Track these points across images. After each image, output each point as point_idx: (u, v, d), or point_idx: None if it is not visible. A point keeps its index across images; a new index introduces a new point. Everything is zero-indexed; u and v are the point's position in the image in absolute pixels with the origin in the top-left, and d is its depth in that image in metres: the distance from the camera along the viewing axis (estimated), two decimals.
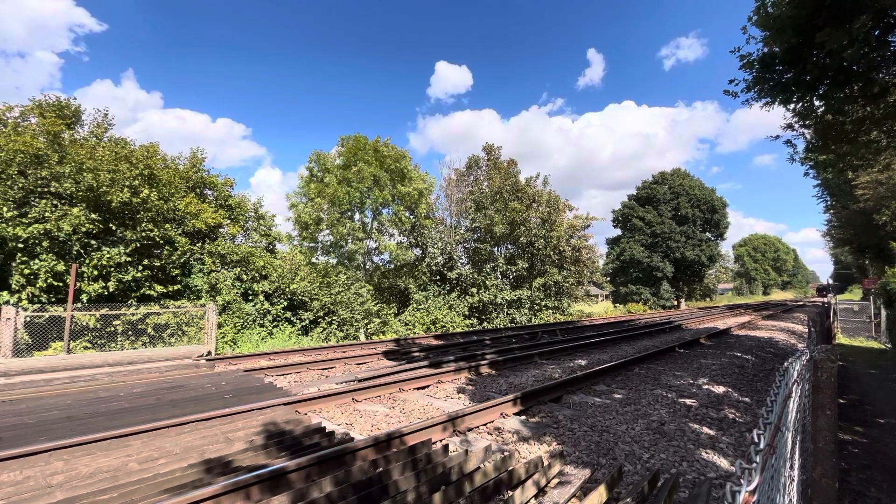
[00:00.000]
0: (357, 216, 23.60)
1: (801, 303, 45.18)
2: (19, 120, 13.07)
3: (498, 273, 23.61)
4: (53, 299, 11.12)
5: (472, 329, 19.64)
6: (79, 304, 11.03)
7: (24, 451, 3.99)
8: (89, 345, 11.27)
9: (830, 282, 70.64)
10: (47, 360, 9.28)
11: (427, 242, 23.53)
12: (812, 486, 2.45)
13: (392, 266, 24.96)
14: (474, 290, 22.08)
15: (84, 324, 11.04)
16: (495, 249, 24.22)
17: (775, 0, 7.29)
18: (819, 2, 6.57)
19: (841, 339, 15.97)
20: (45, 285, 10.78)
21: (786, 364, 1.82)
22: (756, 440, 1.08)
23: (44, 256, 10.73)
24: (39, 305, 10.71)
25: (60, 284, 11.05)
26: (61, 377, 8.10)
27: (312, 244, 23.50)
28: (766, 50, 7.86)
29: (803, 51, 7.28)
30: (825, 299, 35.99)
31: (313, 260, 22.21)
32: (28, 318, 10.31)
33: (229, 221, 16.78)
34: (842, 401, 7.07)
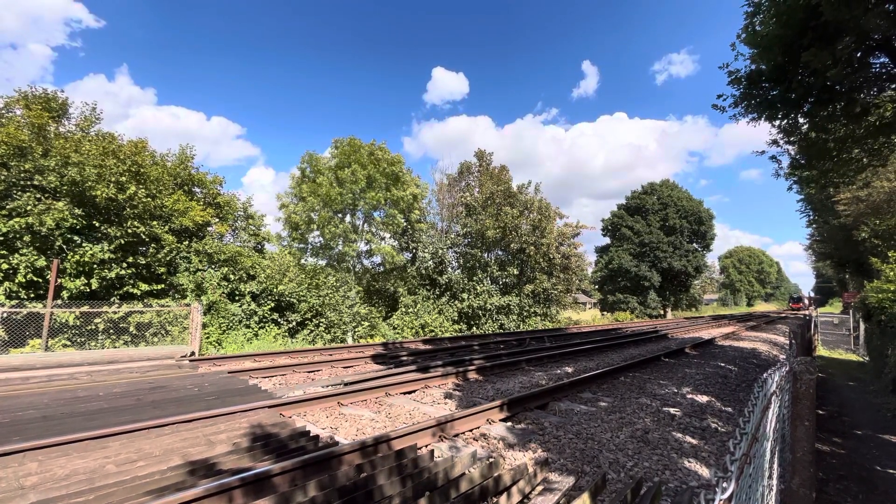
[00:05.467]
0: (348, 218, 23.51)
1: (783, 315, 46.05)
2: (3, 111, 12.79)
3: (488, 279, 23.67)
4: (33, 295, 10.85)
5: (460, 334, 19.62)
6: (59, 301, 10.77)
7: None
8: (69, 343, 11.01)
9: (812, 294, 71.87)
10: (24, 358, 9.04)
11: (418, 246, 23.51)
12: (790, 495, 2.50)
13: (382, 269, 24.86)
14: (464, 295, 22.10)
15: (64, 321, 10.79)
16: (486, 255, 24.29)
17: (763, 19, 7.50)
18: (805, 22, 6.77)
19: (821, 351, 16.31)
20: (24, 280, 10.52)
21: (764, 375, 1.86)
22: (732, 450, 1.11)
23: (24, 251, 10.48)
24: (17, 301, 10.44)
25: (41, 280, 10.79)
26: (38, 375, 7.89)
27: (302, 245, 23.33)
28: (753, 67, 8.07)
29: (789, 69, 7.48)
30: (806, 312, 36.54)
31: (302, 261, 22.03)
32: (5, 314, 10.03)
33: (217, 220, 16.58)
34: (821, 412, 7.22)
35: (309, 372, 8.97)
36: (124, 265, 11.81)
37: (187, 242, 14.05)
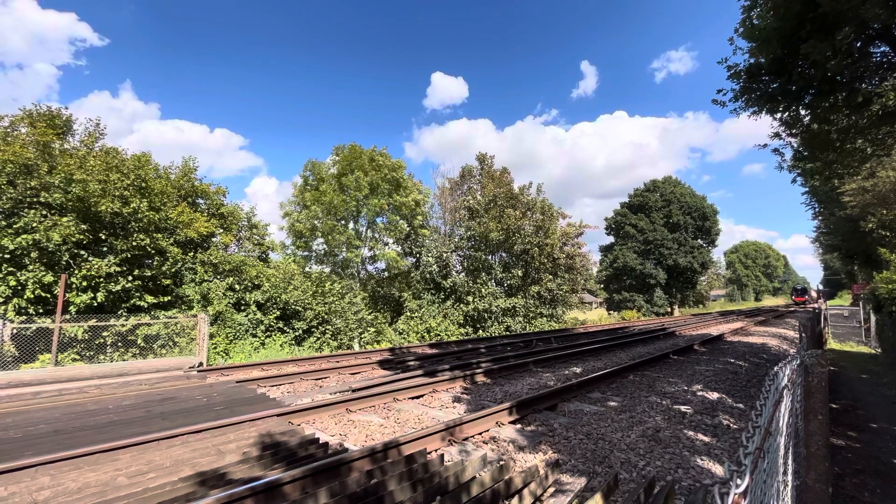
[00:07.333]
0: (352, 224, 23.59)
1: (792, 309, 45.63)
2: (9, 130, 12.95)
3: (492, 281, 23.62)
4: (41, 311, 10.93)
5: (466, 338, 19.57)
6: (67, 316, 10.85)
7: (10, 467, 3.90)
8: (78, 357, 11.07)
9: (821, 287, 70.96)
10: (34, 373, 9.10)
11: (421, 251, 23.53)
12: (806, 491, 2.46)
13: (386, 275, 24.88)
14: (469, 298, 22.05)
15: (72, 335, 10.86)
16: (490, 257, 24.26)
17: (760, 12, 7.48)
18: (803, 14, 6.74)
19: (832, 344, 16.12)
20: (32, 296, 10.61)
21: (775, 369, 1.84)
22: (745, 443, 1.09)
23: (32, 267, 10.57)
24: (26, 317, 10.53)
25: (48, 296, 10.88)
26: (49, 390, 7.94)
27: (306, 253, 23.40)
28: (752, 61, 8.04)
29: (788, 61, 7.45)
30: (814, 305, 36.01)
31: (307, 269, 22.09)
32: (15, 330, 10.12)
33: (222, 230, 16.66)
34: (834, 406, 7.12)
35: (316, 379, 8.97)
36: (130, 278, 11.88)
37: (192, 253, 14.13)
